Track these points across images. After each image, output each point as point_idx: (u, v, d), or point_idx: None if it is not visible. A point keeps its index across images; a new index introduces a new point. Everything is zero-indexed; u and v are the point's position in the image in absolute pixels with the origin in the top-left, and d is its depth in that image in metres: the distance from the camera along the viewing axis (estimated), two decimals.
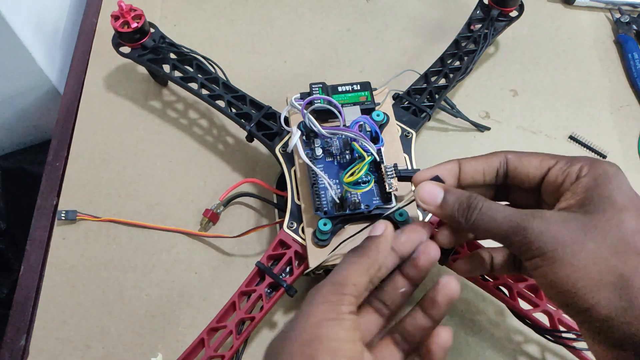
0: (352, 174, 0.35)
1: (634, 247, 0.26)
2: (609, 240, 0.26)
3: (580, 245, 0.26)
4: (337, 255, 0.37)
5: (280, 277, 0.39)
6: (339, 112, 0.39)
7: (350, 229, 0.39)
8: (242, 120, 0.47)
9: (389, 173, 0.37)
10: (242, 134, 0.47)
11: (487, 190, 0.34)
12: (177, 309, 0.45)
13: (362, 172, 0.35)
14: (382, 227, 0.31)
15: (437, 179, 0.32)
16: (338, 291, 0.28)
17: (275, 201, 0.48)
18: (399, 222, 0.37)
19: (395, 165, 0.38)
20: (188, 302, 0.45)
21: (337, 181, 0.39)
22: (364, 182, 0.37)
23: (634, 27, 0.60)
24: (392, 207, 0.38)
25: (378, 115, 0.42)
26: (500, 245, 0.30)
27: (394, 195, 0.38)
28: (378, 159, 0.38)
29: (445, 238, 0.33)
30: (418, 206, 0.32)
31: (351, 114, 0.41)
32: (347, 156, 0.40)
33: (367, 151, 0.36)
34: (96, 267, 0.46)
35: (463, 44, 0.53)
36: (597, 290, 0.25)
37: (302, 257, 0.39)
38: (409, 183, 0.39)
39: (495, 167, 0.32)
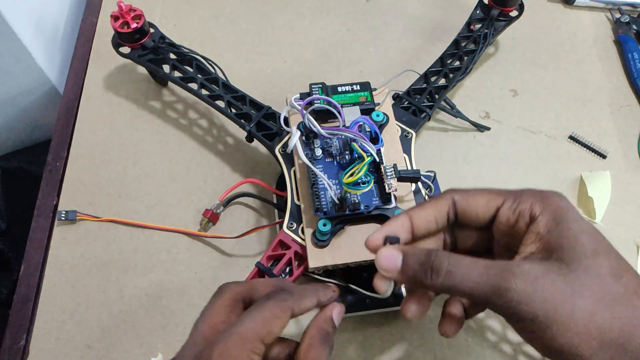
0: (351, 175, 0.35)
1: (617, 295, 0.25)
2: (597, 292, 0.25)
3: (572, 304, 0.24)
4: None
5: (280, 277, 0.39)
6: (339, 113, 0.39)
7: (349, 229, 0.39)
8: (242, 120, 0.47)
9: (388, 173, 0.37)
10: (242, 134, 0.47)
11: (441, 234, 0.32)
12: (177, 309, 0.45)
13: (362, 172, 0.35)
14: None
15: (392, 239, 0.30)
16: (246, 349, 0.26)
17: (275, 201, 0.48)
18: None
19: (395, 166, 0.38)
20: (188, 302, 0.45)
21: (337, 182, 0.39)
22: (364, 183, 0.37)
23: (634, 27, 0.60)
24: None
25: (378, 116, 0.42)
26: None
27: (394, 195, 0.38)
28: (377, 159, 0.38)
29: (415, 312, 0.30)
30: (380, 276, 0.30)
31: (351, 114, 0.41)
32: (347, 156, 0.40)
33: (366, 151, 0.37)
34: (96, 267, 0.46)
35: (463, 44, 0.53)
36: (602, 350, 0.24)
37: (301, 257, 0.39)
38: (409, 183, 0.39)
39: (445, 211, 0.30)
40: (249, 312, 0.28)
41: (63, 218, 0.48)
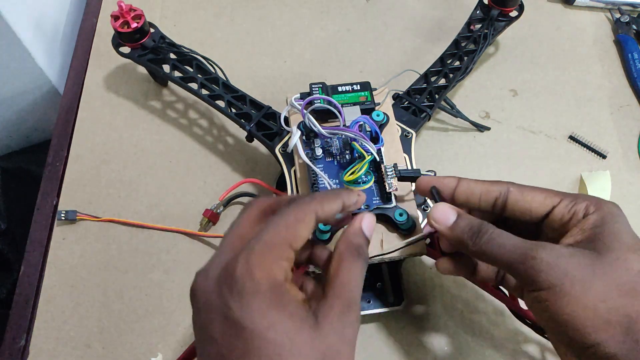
0: (352, 173, 0.35)
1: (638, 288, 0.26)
2: (617, 280, 0.26)
3: (589, 283, 0.26)
4: None
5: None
6: (339, 112, 0.39)
7: None
8: (242, 120, 0.47)
9: (389, 173, 0.37)
10: (242, 134, 0.47)
11: (483, 217, 0.33)
12: (177, 309, 0.45)
13: (362, 171, 0.35)
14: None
15: (436, 191, 0.33)
16: (278, 257, 0.26)
17: None
18: (399, 221, 0.37)
19: (395, 165, 0.38)
20: (188, 302, 0.45)
21: (337, 181, 0.39)
22: (364, 182, 0.37)
23: (634, 27, 0.60)
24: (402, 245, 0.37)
25: (378, 115, 0.42)
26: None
27: (394, 195, 0.38)
28: (378, 158, 0.38)
29: (446, 266, 0.34)
30: (429, 224, 0.32)
31: (351, 114, 0.41)
32: (347, 156, 0.40)
33: (367, 151, 0.37)
34: (96, 267, 0.46)
35: (463, 44, 0.53)
36: (605, 328, 0.25)
37: None
38: (409, 183, 0.39)
39: (495, 196, 0.31)
40: (272, 219, 0.27)
41: (63, 218, 0.48)
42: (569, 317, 0.26)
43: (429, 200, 0.42)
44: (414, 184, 0.39)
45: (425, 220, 0.39)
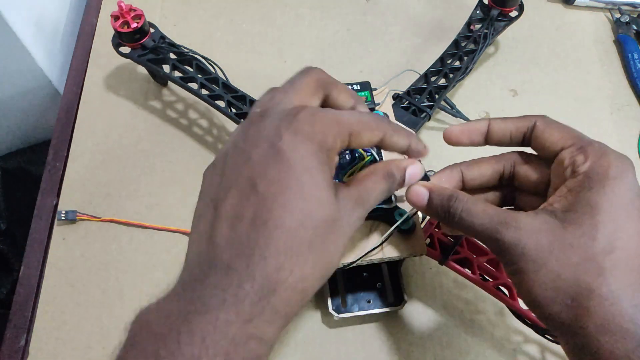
0: (352, 174, 0.35)
1: (596, 267, 0.26)
2: (574, 258, 0.27)
3: (543, 262, 0.27)
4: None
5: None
6: None
7: None
8: (242, 120, 0.47)
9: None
10: None
11: (497, 186, 0.35)
12: None
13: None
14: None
15: (425, 176, 0.34)
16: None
17: None
18: (396, 220, 0.37)
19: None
20: None
21: (337, 181, 0.39)
22: None
23: (634, 27, 0.60)
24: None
25: None
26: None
27: (394, 195, 0.38)
28: (378, 159, 0.38)
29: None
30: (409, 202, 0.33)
31: None
32: (347, 156, 0.40)
33: (367, 151, 0.37)
34: (96, 267, 0.46)
35: (463, 44, 0.53)
36: (552, 304, 0.27)
37: None
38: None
39: (523, 132, 0.32)
40: (347, 111, 0.30)
41: (63, 218, 0.48)
42: (526, 292, 0.28)
43: None
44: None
45: (427, 219, 0.39)
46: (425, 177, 0.35)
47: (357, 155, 0.38)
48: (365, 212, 0.29)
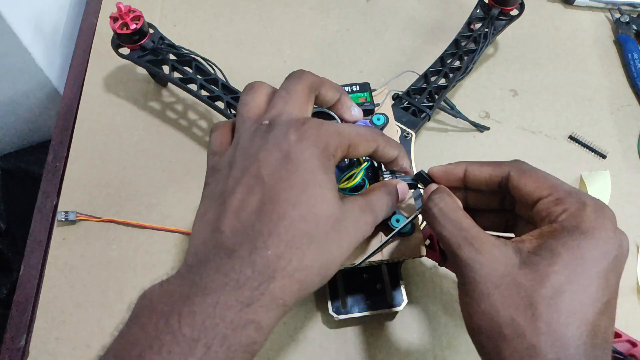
0: (347, 180, 0.35)
1: (532, 314, 0.26)
2: (517, 299, 0.27)
3: (488, 293, 0.28)
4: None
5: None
6: (335, 118, 0.38)
7: None
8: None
9: (385, 177, 0.37)
10: None
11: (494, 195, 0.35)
12: None
13: (358, 178, 0.35)
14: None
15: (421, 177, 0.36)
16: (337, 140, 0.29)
17: None
18: (395, 227, 0.37)
19: (393, 171, 0.37)
20: None
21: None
22: (360, 187, 0.36)
23: (634, 27, 0.60)
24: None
25: (378, 119, 0.42)
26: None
27: None
28: (376, 164, 0.38)
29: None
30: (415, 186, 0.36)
31: None
32: (346, 160, 0.40)
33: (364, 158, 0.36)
34: (96, 268, 0.46)
35: (463, 44, 0.53)
36: (483, 337, 0.29)
37: None
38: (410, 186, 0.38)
39: (497, 181, 0.33)
40: (347, 124, 0.32)
41: (63, 218, 0.48)
42: (466, 316, 0.30)
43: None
44: (410, 190, 0.39)
45: (425, 223, 0.39)
46: (414, 186, 0.36)
47: (355, 160, 0.38)
48: (373, 219, 0.31)
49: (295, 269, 0.26)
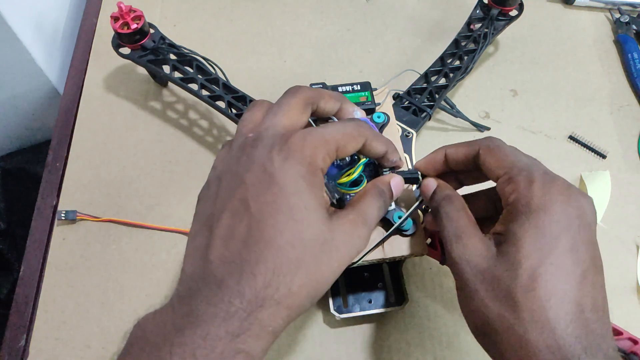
0: (348, 175, 0.35)
1: (514, 306, 0.27)
2: (498, 293, 0.28)
3: (476, 289, 0.29)
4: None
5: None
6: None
7: None
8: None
9: (385, 173, 0.37)
10: None
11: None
12: None
13: (356, 173, 0.35)
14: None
15: (416, 179, 0.36)
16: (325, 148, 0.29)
17: None
18: (396, 224, 0.37)
19: (392, 168, 0.37)
20: None
21: (334, 183, 0.39)
22: (358, 182, 0.36)
23: (634, 27, 0.60)
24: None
25: (379, 117, 0.42)
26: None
27: None
28: (377, 162, 0.38)
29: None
30: (412, 182, 0.37)
31: None
32: (347, 158, 0.40)
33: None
34: (96, 268, 0.46)
35: (463, 44, 0.53)
36: (477, 331, 0.29)
37: None
38: (411, 184, 0.39)
39: (471, 157, 0.34)
40: (331, 123, 0.31)
41: (63, 218, 0.48)
42: (462, 308, 0.30)
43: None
44: (411, 185, 0.39)
45: (426, 221, 0.39)
46: (416, 180, 0.36)
47: (356, 157, 0.38)
48: (367, 231, 0.31)
49: (284, 295, 0.26)
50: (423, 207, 0.40)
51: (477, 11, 0.54)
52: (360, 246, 0.30)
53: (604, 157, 0.52)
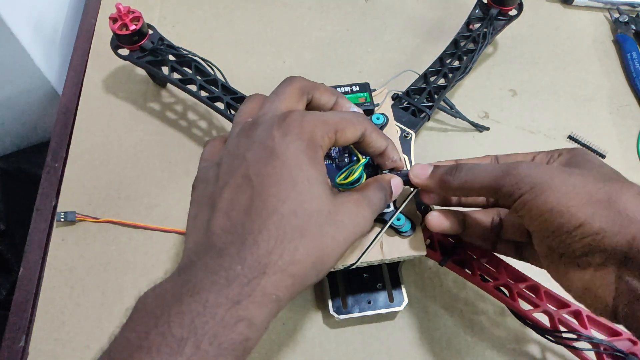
0: (347, 174, 0.35)
1: (615, 179, 0.29)
2: (593, 175, 0.29)
3: (567, 176, 0.29)
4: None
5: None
6: None
7: None
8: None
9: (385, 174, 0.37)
10: None
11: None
12: None
13: (357, 173, 0.35)
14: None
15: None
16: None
17: None
18: (396, 225, 0.37)
19: (391, 169, 0.37)
20: None
21: (334, 182, 0.39)
22: (356, 181, 0.36)
23: (633, 26, 0.60)
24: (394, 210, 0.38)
25: (378, 119, 0.42)
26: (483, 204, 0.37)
27: None
28: (377, 162, 0.38)
29: (436, 221, 0.36)
30: (410, 184, 0.35)
31: None
32: (346, 159, 0.40)
33: (363, 154, 0.36)
34: (95, 268, 0.46)
35: (462, 44, 0.53)
36: (589, 206, 0.27)
37: None
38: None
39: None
40: (331, 111, 0.32)
41: (62, 219, 0.48)
42: (554, 205, 0.28)
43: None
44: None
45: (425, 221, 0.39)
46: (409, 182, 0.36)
47: (354, 158, 0.38)
48: (371, 214, 0.31)
49: (288, 263, 0.26)
50: (422, 207, 0.40)
51: (477, 11, 0.54)
52: (365, 227, 0.30)
53: (603, 157, 0.52)
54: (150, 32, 0.50)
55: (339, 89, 0.42)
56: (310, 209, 0.27)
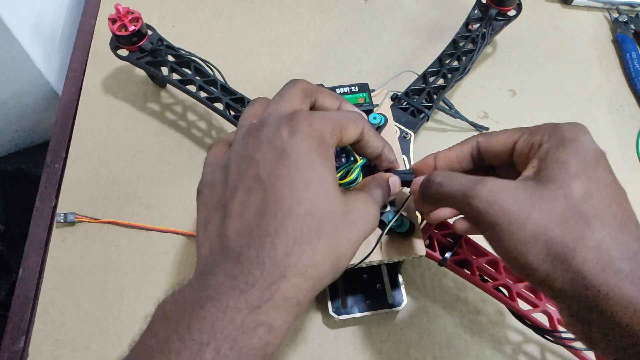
0: (345, 174, 0.35)
1: (580, 214, 0.26)
2: (556, 209, 0.27)
3: (526, 216, 0.27)
4: None
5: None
6: None
7: None
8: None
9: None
10: None
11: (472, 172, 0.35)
12: None
13: (355, 174, 0.35)
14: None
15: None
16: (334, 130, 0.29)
17: None
18: (394, 227, 0.37)
19: (388, 170, 0.37)
20: None
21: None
22: (353, 182, 0.36)
23: (632, 26, 0.60)
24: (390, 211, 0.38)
25: (375, 119, 0.42)
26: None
27: None
28: (373, 163, 0.38)
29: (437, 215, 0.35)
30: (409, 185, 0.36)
31: None
32: (343, 159, 0.40)
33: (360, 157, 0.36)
34: (95, 269, 0.46)
35: (461, 44, 0.53)
36: (548, 261, 0.26)
37: None
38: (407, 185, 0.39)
39: (468, 152, 0.34)
40: (334, 111, 0.32)
41: (62, 220, 0.48)
42: (514, 254, 0.27)
43: None
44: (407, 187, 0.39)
45: (424, 222, 0.39)
46: (411, 181, 0.35)
47: (352, 158, 0.38)
48: (377, 210, 0.31)
49: (307, 265, 0.25)
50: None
51: (476, 11, 0.54)
52: (374, 225, 0.30)
53: None
54: (150, 32, 0.50)
55: (338, 90, 0.43)
56: (325, 209, 0.27)
